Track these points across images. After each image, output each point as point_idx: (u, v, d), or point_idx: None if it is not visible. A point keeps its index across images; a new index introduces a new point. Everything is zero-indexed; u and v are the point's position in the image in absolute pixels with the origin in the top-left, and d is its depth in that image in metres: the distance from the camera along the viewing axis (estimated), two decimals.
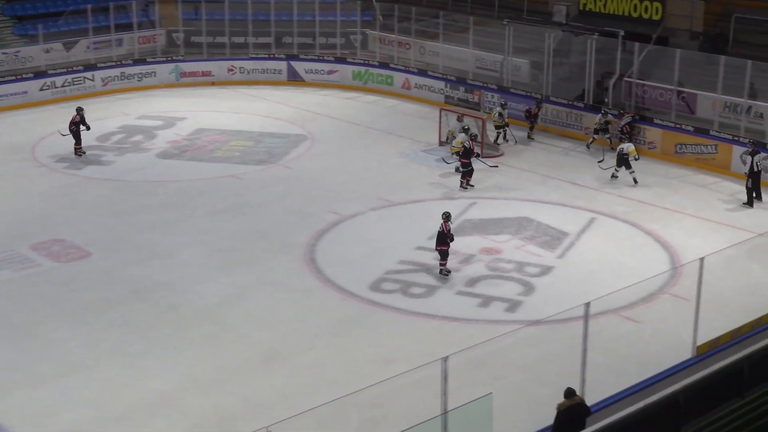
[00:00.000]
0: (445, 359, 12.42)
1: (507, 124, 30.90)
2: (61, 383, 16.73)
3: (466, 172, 26.44)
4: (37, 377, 16.90)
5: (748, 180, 25.46)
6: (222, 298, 20.08)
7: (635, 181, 26.92)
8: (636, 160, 26.91)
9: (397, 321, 19.05)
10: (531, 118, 31.52)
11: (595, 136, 29.93)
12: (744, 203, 25.33)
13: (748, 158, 25.59)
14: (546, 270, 21.26)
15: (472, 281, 20.69)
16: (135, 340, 18.29)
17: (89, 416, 15.74)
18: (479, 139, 29.27)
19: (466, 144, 26.35)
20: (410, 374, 13.92)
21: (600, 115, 29.97)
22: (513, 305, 19.61)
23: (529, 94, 33.07)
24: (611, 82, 31.53)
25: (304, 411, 12.64)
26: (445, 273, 20.96)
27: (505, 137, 30.88)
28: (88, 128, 29.51)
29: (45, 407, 15.97)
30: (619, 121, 29.44)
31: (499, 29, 35.03)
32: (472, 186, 26.40)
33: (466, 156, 26.31)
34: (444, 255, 20.95)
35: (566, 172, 28.06)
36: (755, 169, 25.32)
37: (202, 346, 18.07)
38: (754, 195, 25.38)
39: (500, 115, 30.70)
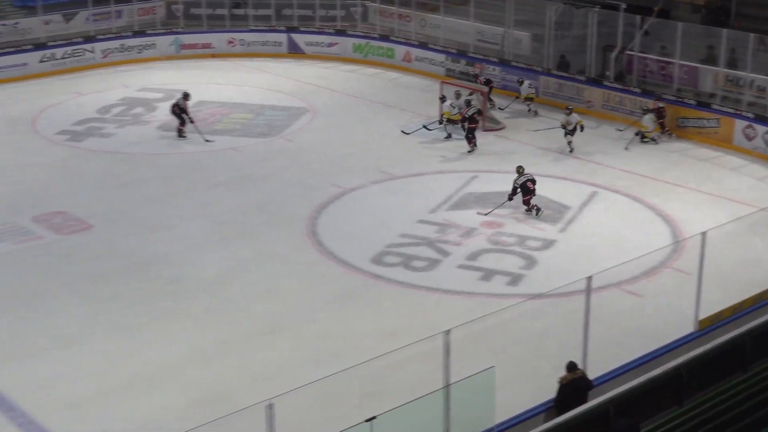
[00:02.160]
0: (447, 332, 12.38)
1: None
2: (61, 355, 16.73)
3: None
4: (37, 349, 16.90)
5: None
6: (222, 270, 20.05)
7: (572, 150, 27.36)
8: (581, 131, 27.15)
9: (398, 294, 19.03)
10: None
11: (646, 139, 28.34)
12: None
13: None
14: (548, 244, 21.22)
15: (474, 255, 20.65)
16: (135, 312, 18.27)
17: (90, 388, 15.73)
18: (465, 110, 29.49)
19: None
20: (412, 347, 13.88)
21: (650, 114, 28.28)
22: (515, 279, 19.58)
23: (530, 67, 32.94)
24: (613, 55, 31.38)
25: (307, 384, 12.62)
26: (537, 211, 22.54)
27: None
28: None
29: (45, 379, 15.97)
30: (655, 104, 28.62)
31: (500, 2, 34.83)
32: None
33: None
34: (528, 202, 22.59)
35: (567, 146, 27.92)
36: None
37: (202, 319, 18.05)
38: None
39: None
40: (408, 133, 28.72)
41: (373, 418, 10.87)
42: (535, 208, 22.61)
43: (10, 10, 38.06)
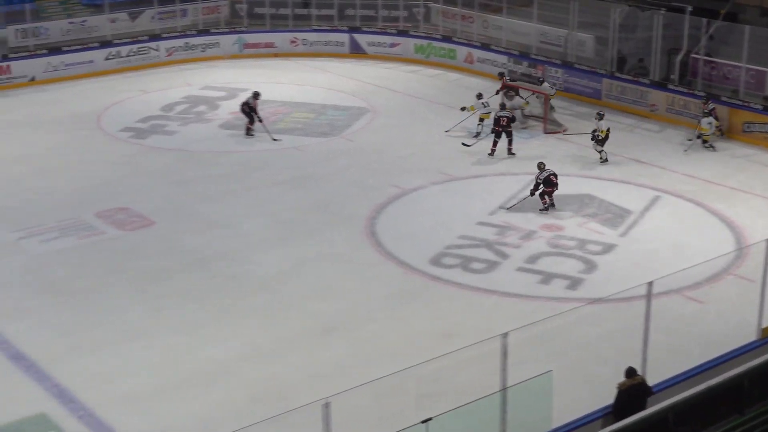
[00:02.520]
0: (505, 335, 12.31)
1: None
2: (122, 349, 16.93)
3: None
4: (98, 343, 17.13)
5: None
6: (282, 269, 20.15)
7: (606, 160, 26.56)
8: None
9: (457, 296, 18.99)
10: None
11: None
12: None
13: None
14: (608, 248, 21.02)
15: (533, 258, 20.53)
16: (195, 308, 18.45)
17: (149, 383, 15.91)
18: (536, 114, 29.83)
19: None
20: (469, 349, 13.84)
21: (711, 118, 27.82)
22: (574, 283, 19.43)
23: (593, 69, 32.69)
24: (678, 58, 31.01)
25: (363, 383, 12.64)
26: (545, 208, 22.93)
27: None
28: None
29: (106, 373, 16.18)
30: (706, 106, 28.38)
31: (563, 3, 34.57)
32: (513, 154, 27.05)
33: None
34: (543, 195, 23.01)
35: (630, 149, 27.67)
36: None
37: (261, 317, 18.17)
38: None
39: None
40: (448, 131, 29.04)
41: (429, 419, 10.84)
42: (548, 204, 22.93)
43: (77, 8, 38.62)
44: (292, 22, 39.61)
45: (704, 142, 27.59)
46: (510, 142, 26.90)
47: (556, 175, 23.03)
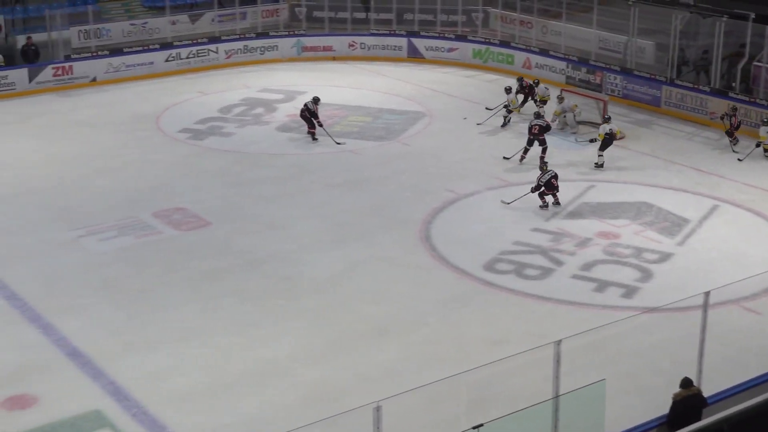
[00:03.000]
0: (558, 342, 12.23)
1: None
2: (176, 348, 17.08)
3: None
4: (153, 341, 17.29)
5: None
6: (335, 271, 20.20)
7: (601, 166, 26.25)
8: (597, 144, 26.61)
9: (510, 302, 18.90)
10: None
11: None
12: None
13: None
14: (665, 257, 20.79)
15: (588, 265, 20.37)
16: (248, 309, 18.56)
17: (202, 382, 16.03)
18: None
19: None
20: (522, 356, 13.78)
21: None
22: (629, 291, 19.25)
23: (653, 76, 32.38)
24: (740, 66, 30.60)
25: (414, 387, 12.62)
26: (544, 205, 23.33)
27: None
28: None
29: (159, 371, 16.33)
30: (736, 118, 28.14)
31: (624, 9, 34.28)
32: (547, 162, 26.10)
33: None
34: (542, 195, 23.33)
35: (689, 158, 27.37)
36: None
37: (313, 318, 18.22)
38: None
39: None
40: (480, 124, 29.92)
41: (481, 425, 10.78)
42: (547, 203, 23.28)
43: (139, 10, 39.10)
44: (351, 25, 39.70)
45: (765, 150, 27.19)
46: (543, 151, 26.18)
47: (557, 177, 23.23)
